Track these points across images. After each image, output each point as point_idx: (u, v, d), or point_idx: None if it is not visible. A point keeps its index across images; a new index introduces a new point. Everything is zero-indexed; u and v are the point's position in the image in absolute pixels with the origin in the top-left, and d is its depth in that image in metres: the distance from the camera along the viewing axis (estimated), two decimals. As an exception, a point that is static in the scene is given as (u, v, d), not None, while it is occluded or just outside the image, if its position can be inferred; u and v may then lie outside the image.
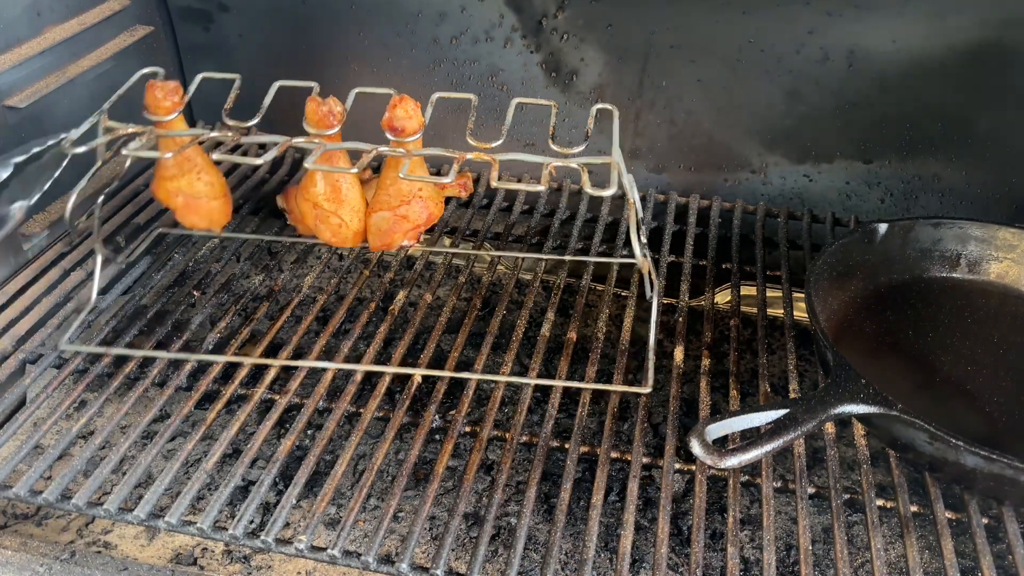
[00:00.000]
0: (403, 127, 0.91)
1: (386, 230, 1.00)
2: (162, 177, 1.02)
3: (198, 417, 0.98)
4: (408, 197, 0.99)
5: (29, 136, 1.06)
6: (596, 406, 1.00)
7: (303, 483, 0.81)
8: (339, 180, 0.98)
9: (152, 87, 0.96)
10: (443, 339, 1.11)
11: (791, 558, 0.88)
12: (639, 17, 1.15)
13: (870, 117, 1.15)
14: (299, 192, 1.01)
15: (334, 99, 0.92)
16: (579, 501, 0.92)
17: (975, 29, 1.07)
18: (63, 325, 0.99)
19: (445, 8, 1.19)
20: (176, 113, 0.96)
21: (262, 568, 0.85)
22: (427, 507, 0.79)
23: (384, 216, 0.99)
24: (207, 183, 1.02)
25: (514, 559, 0.74)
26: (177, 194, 1.02)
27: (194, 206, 1.03)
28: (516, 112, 1.25)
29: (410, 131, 0.91)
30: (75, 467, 0.82)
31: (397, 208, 0.99)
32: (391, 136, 0.91)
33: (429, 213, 1.00)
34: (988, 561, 0.76)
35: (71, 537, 0.88)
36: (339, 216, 0.99)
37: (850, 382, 0.79)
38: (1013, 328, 0.97)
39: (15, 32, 1.04)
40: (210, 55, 1.30)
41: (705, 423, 0.77)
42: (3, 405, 0.89)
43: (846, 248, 0.99)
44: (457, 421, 0.88)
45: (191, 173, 1.01)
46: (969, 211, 1.18)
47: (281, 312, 1.02)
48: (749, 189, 1.25)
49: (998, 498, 0.81)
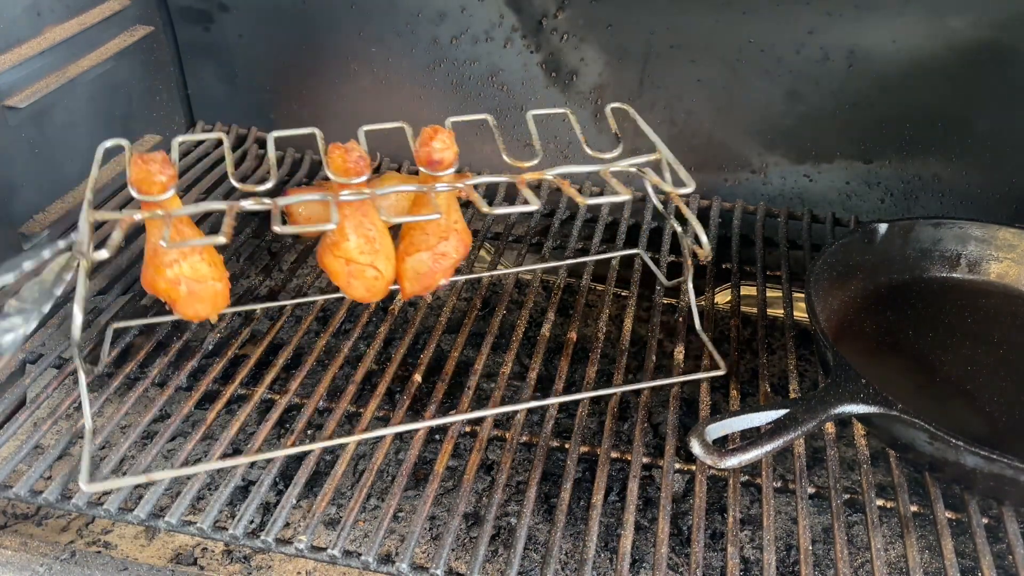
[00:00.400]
0: (441, 159, 0.84)
1: (425, 272, 0.91)
2: (160, 266, 0.84)
3: (198, 417, 0.98)
4: (446, 232, 0.91)
5: (30, 136, 1.06)
6: (596, 406, 1.00)
7: (303, 483, 0.81)
8: (371, 229, 0.87)
9: (141, 162, 0.77)
10: (443, 339, 1.11)
11: (791, 558, 0.88)
12: (639, 17, 1.15)
13: (870, 117, 1.15)
14: (327, 251, 0.88)
15: (354, 143, 0.83)
16: (579, 501, 0.91)
17: (975, 29, 1.06)
18: (63, 326, 0.99)
19: (445, 8, 1.19)
20: (172, 190, 0.79)
21: (262, 568, 0.85)
22: (427, 507, 0.79)
23: (422, 258, 0.90)
24: (210, 261, 0.86)
25: (514, 559, 0.74)
26: (179, 282, 0.85)
27: (199, 293, 0.86)
28: (511, 116, 1.25)
29: (448, 163, 0.85)
30: (75, 467, 0.82)
31: (436, 246, 0.90)
32: (427, 170, 0.85)
33: (465, 245, 0.93)
34: (988, 561, 0.76)
35: (71, 537, 0.88)
36: (375, 268, 0.88)
37: (850, 382, 0.79)
38: (1013, 328, 0.97)
39: (15, 32, 1.04)
40: (210, 55, 1.30)
41: (705, 423, 0.76)
42: (3, 405, 0.89)
43: (846, 248, 0.99)
44: (457, 421, 0.88)
45: (193, 254, 0.84)
46: (969, 211, 1.18)
47: (281, 312, 1.02)
48: (749, 189, 1.25)
49: (998, 498, 0.81)
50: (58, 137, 1.11)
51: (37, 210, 1.09)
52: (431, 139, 0.84)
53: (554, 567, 0.74)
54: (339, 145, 0.82)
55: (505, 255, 1.22)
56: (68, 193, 1.13)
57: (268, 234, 1.16)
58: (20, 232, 1.06)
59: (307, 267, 1.21)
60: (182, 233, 0.84)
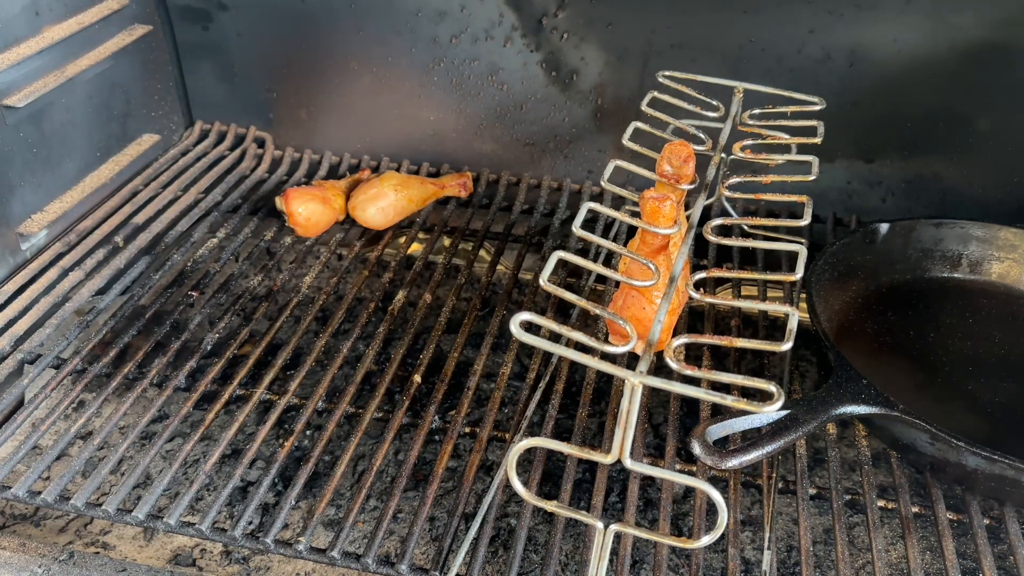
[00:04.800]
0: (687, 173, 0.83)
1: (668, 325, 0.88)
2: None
3: (197, 418, 0.97)
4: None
5: (28, 135, 1.06)
6: (596, 406, 0.99)
7: (302, 484, 0.80)
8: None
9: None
10: (443, 339, 1.11)
11: (792, 559, 0.88)
12: (639, 16, 1.15)
13: (871, 116, 1.15)
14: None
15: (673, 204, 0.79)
16: (579, 502, 0.91)
17: (976, 29, 1.06)
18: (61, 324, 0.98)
19: (445, 7, 1.19)
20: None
21: (261, 569, 0.85)
22: (427, 508, 0.78)
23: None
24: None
25: (514, 560, 0.74)
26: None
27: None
28: (515, 112, 1.25)
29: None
30: (74, 468, 0.81)
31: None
32: (674, 184, 0.83)
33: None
34: (989, 562, 0.76)
35: (69, 538, 0.88)
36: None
37: (851, 382, 0.79)
38: (1015, 328, 0.96)
39: (13, 31, 1.03)
40: (209, 54, 1.30)
41: (706, 424, 0.76)
42: (1, 405, 0.89)
43: (847, 248, 0.98)
44: (457, 422, 0.88)
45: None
46: (971, 211, 1.17)
47: (280, 312, 1.02)
48: (750, 188, 1.25)
49: (999, 499, 0.81)
50: (56, 137, 1.11)
51: (35, 210, 1.09)
52: (690, 158, 0.83)
53: (554, 568, 0.74)
54: (655, 197, 0.78)
55: (505, 255, 1.21)
56: (66, 193, 1.13)
57: (267, 234, 1.15)
58: (18, 232, 1.06)
59: (306, 267, 1.21)
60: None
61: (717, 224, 0.77)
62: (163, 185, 1.22)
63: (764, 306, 0.75)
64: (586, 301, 0.67)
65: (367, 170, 1.26)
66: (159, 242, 1.12)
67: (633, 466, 0.61)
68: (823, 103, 0.95)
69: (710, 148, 0.89)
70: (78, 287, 1.03)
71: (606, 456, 0.60)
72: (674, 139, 0.86)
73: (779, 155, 0.93)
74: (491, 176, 1.27)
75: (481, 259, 1.22)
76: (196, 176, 1.24)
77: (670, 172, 0.83)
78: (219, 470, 0.93)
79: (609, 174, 0.82)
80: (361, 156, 1.31)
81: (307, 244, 1.14)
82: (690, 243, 0.79)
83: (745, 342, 0.67)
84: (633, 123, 0.89)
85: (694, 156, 0.84)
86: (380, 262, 1.19)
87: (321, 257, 1.12)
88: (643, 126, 0.90)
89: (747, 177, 0.87)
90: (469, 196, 1.23)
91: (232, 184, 1.23)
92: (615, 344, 0.62)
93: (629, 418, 0.59)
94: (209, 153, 1.30)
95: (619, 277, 0.72)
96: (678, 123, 0.91)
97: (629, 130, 0.88)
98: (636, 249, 0.87)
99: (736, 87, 0.96)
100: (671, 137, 0.88)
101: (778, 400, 0.60)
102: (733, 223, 0.83)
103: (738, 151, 0.89)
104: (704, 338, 0.67)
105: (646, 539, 0.75)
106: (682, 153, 0.83)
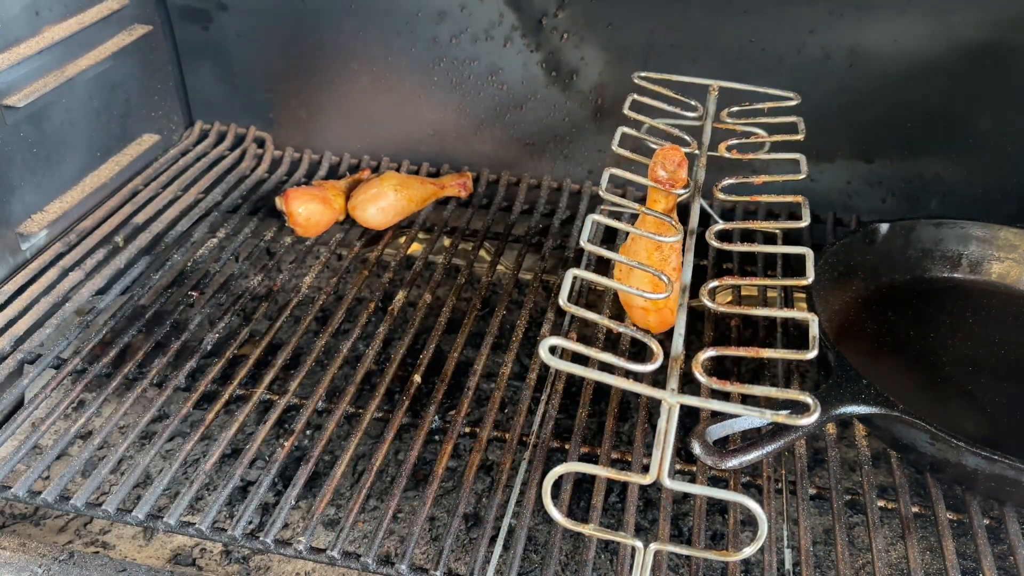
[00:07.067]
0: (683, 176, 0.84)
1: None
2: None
3: (197, 417, 0.97)
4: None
5: (28, 135, 1.06)
6: (596, 406, 0.99)
7: (302, 484, 0.80)
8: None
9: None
10: (443, 339, 1.11)
11: (792, 559, 0.88)
12: (639, 16, 1.15)
13: (871, 116, 1.15)
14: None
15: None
16: (579, 502, 0.91)
17: (976, 29, 1.06)
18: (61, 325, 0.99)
19: (444, 7, 1.19)
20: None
21: (260, 569, 0.85)
22: (427, 508, 0.78)
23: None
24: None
25: (514, 560, 0.74)
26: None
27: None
28: (515, 112, 1.25)
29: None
30: (74, 467, 0.81)
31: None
32: (668, 189, 0.84)
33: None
34: (989, 562, 0.76)
35: (69, 538, 0.88)
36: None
37: (851, 383, 0.79)
38: (1015, 328, 0.96)
39: (13, 31, 1.03)
40: (209, 54, 1.30)
41: (706, 424, 0.76)
42: (1, 405, 0.89)
43: (847, 248, 0.98)
44: (457, 422, 0.88)
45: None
46: (971, 211, 1.17)
47: (280, 312, 1.02)
48: (750, 189, 1.25)
49: (999, 499, 0.81)
50: (56, 136, 1.11)
51: (35, 210, 1.09)
52: (683, 163, 0.84)
53: (554, 568, 0.74)
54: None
55: (505, 255, 1.21)
56: (66, 193, 1.13)
57: (267, 234, 1.15)
58: (18, 232, 1.06)
59: (306, 267, 1.21)
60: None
61: (719, 229, 0.78)
62: (163, 185, 1.22)
63: (785, 313, 0.75)
64: (608, 320, 0.68)
65: (367, 170, 1.26)
66: (159, 242, 1.12)
67: (673, 485, 0.60)
68: (799, 98, 0.95)
69: (695, 148, 0.89)
70: (78, 287, 1.03)
71: (644, 477, 0.60)
72: (662, 143, 0.86)
73: (765, 154, 0.93)
74: (491, 176, 1.27)
75: (481, 259, 1.22)
76: (196, 176, 1.24)
77: (664, 177, 0.84)
78: (219, 470, 0.93)
79: (605, 183, 0.82)
80: (361, 156, 1.31)
81: (307, 244, 1.14)
82: (693, 249, 0.79)
83: (772, 352, 0.67)
84: (620, 128, 0.89)
85: (687, 161, 0.84)
86: (380, 262, 1.19)
87: (321, 257, 1.12)
88: (630, 131, 0.90)
89: (739, 179, 0.87)
90: (469, 196, 1.23)
91: (232, 184, 1.23)
92: (633, 327, 0.62)
93: (667, 438, 0.59)
94: (209, 153, 1.30)
95: (635, 265, 0.75)
96: (660, 124, 0.91)
97: (617, 135, 0.88)
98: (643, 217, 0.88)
99: (711, 85, 0.97)
100: (659, 141, 0.88)
101: (815, 412, 0.60)
102: (734, 227, 0.83)
103: (724, 150, 0.89)
104: (731, 350, 0.67)
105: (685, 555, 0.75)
106: (675, 158, 0.83)
